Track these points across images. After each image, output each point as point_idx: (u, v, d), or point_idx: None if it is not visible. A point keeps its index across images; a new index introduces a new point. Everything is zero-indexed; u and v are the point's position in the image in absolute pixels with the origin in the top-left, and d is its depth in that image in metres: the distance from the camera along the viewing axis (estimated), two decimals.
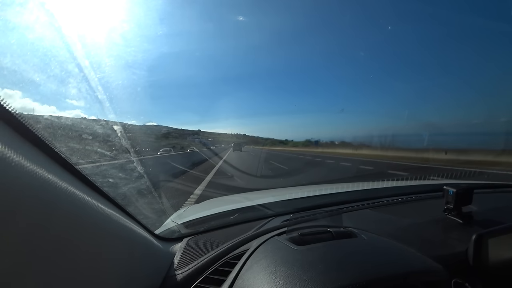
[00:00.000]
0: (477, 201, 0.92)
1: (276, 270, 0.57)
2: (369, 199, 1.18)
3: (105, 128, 3.68)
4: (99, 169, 4.39)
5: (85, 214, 0.43)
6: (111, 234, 0.51)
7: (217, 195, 3.86)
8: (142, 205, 3.01)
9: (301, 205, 1.13)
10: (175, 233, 0.94)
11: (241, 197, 1.58)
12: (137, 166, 4.48)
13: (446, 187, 0.89)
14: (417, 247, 0.69)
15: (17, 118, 0.35)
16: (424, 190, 1.32)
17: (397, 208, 1.12)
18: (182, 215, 1.21)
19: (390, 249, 0.68)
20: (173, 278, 0.70)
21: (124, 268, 0.54)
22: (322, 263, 0.58)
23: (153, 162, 8.10)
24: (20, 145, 0.34)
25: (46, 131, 0.48)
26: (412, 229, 0.85)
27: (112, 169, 4.37)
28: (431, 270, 0.59)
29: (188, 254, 0.79)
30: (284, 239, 0.72)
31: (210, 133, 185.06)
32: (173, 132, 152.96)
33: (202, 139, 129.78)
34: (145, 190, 3.71)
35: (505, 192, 1.36)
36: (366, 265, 0.58)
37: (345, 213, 1.01)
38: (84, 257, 0.41)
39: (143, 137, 43.23)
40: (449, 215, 0.90)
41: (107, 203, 0.53)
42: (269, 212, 1.06)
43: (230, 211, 1.10)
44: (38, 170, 0.34)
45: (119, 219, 0.55)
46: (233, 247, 0.77)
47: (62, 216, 0.37)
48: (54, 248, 0.35)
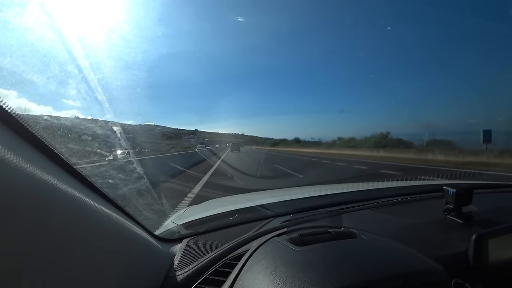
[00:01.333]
0: (477, 201, 0.92)
1: (276, 271, 0.57)
2: (369, 199, 1.18)
3: (99, 127, 3.69)
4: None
5: (84, 215, 0.43)
6: (111, 234, 0.51)
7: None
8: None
9: (301, 206, 1.13)
10: (175, 234, 0.94)
11: (241, 197, 1.58)
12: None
13: (446, 187, 0.89)
14: (417, 247, 0.69)
15: (16, 118, 0.35)
16: (424, 190, 1.32)
17: (397, 208, 1.12)
18: (182, 216, 1.21)
19: (390, 250, 0.68)
20: (173, 279, 0.70)
21: (124, 269, 0.54)
22: (322, 264, 0.57)
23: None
24: (18, 146, 0.34)
25: (44, 131, 0.48)
26: (412, 229, 0.85)
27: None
28: (431, 270, 0.59)
29: (188, 255, 0.79)
30: (284, 240, 0.72)
31: (207, 133, 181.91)
32: (168, 132, 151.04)
33: (199, 139, 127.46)
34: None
35: (505, 192, 1.36)
36: (366, 265, 0.58)
37: (345, 214, 1.01)
38: (83, 257, 0.41)
39: (136, 137, 42.24)
40: (449, 215, 0.90)
41: (106, 204, 0.52)
42: (269, 213, 1.06)
43: (230, 212, 1.10)
44: (37, 171, 0.34)
45: (119, 219, 0.55)
46: (233, 248, 0.77)
47: (60, 216, 0.37)
48: (52, 248, 0.35)
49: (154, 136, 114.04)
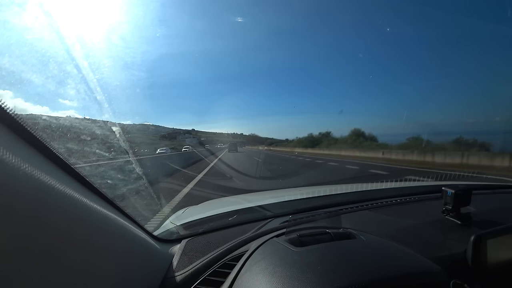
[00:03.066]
0: (476, 202, 0.92)
1: (275, 271, 0.57)
2: (368, 200, 1.18)
3: (93, 126, 3.67)
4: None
5: (82, 215, 0.42)
6: (109, 235, 0.51)
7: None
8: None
9: (300, 206, 1.13)
10: (174, 235, 0.94)
11: (239, 198, 1.58)
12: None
13: (445, 188, 0.89)
14: (416, 248, 0.69)
15: (14, 118, 0.34)
16: (422, 191, 1.32)
17: (396, 209, 1.12)
18: (180, 216, 1.21)
19: (389, 251, 0.68)
20: (172, 280, 0.70)
21: (122, 269, 0.54)
22: (321, 264, 0.57)
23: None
24: (17, 146, 0.34)
25: (43, 131, 0.48)
26: (411, 230, 0.85)
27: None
28: (430, 271, 0.59)
29: (187, 255, 0.78)
30: (283, 241, 0.72)
31: (204, 132, 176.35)
32: (163, 131, 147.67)
33: (193, 139, 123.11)
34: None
35: (504, 193, 1.37)
36: (365, 266, 0.58)
37: (344, 214, 1.01)
38: (81, 258, 0.41)
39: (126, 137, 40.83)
40: (448, 216, 0.90)
41: (105, 204, 0.52)
42: (268, 214, 1.06)
43: (229, 213, 1.10)
44: (35, 171, 0.34)
45: (117, 220, 0.55)
46: (232, 249, 0.77)
47: (59, 216, 0.37)
48: (50, 249, 0.34)
49: (146, 136, 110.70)
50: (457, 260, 0.68)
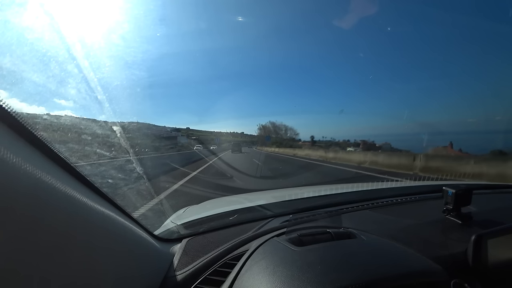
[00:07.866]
0: (476, 202, 0.92)
1: (275, 271, 0.57)
2: (368, 200, 1.18)
3: (94, 125, 3.67)
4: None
5: (83, 214, 0.42)
6: (110, 234, 0.51)
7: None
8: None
9: (301, 206, 1.13)
10: (175, 234, 0.94)
11: (240, 197, 1.58)
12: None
13: (446, 188, 0.89)
14: (417, 247, 0.69)
15: (14, 117, 0.34)
16: (423, 191, 1.32)
17: (397, 209, 1.12)
18: (181, 215, 1.21)
19: (390, 250, 0.68)
20: (172, 279, 0.70)
21: (123, 269, 0.54)
22: (321, 264, 0.57)
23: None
24: (17, 145, 0.34)
25: (44, 130, 0.48)
26: (411, 230, 0.85)
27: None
28: (431, 271, 0.59)
29: (187, 255, 0.78)
30: (283, 240, 0.72)
31: (200, 131, 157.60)
32: (162, 131, 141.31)
33: (187, 140, 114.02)
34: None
35: (504, 193, 1.37)
36: (366, 266, 0.58)
37: (345, 214, 1.01)
38: (82, 257, 0.41)
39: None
40: (449, 216, 0.90)
41: (105, 203, 0.52)
42: (269, 213, 1.06)
43: (229, 212, 1.10)
44: (35, 170, 0.34)
45: (118, 219, 0.55)
46: (232, 248, 0.77)
47: (59, 216, 0.37)
48: (50, 248, 0.34)
49: (146, 135, 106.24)
50: (457, 260, 0.68)
